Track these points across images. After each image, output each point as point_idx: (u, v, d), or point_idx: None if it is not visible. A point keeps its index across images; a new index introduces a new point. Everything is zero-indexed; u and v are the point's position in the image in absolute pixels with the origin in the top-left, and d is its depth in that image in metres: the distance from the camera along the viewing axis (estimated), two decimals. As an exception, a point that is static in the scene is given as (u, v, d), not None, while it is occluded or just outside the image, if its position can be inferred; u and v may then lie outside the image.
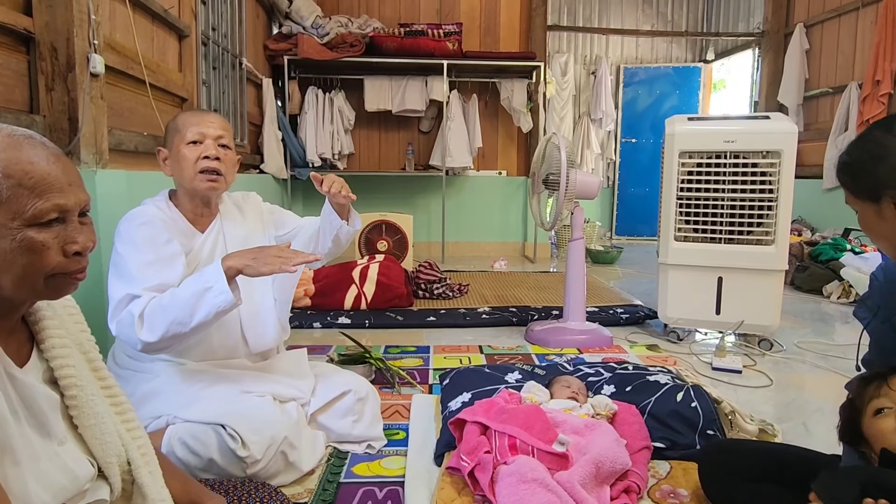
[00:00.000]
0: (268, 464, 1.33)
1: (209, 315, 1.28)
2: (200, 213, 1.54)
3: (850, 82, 4.43)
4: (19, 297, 0.73)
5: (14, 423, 0.69)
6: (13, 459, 0.68)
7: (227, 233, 1.56)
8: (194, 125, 1.48)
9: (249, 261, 1.30)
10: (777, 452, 1.27)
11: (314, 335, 2.76)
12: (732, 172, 2.49)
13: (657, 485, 1.38)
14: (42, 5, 1.80)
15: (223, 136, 1.51)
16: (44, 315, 0.80)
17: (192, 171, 1.46)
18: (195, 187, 1.48)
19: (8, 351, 0.72)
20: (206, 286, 1.28)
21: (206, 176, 1.47)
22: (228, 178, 1.52)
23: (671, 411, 1.56)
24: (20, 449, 0.69)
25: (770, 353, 2.53)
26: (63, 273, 0.74)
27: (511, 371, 1.92)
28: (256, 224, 1.65)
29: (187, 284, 1.31)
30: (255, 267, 1.29)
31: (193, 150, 1.46)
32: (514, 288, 3.88)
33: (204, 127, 1.48)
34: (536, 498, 1.17)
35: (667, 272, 2.64)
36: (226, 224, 1.58)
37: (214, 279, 1.28)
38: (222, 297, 1.27)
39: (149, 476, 0.86)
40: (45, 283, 0.73)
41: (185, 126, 1.48)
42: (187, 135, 1.47)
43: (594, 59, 6.67)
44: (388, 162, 5.41)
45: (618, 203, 6.86)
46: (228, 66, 3.53)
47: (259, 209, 1.71)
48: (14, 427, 0.69)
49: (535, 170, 2.72)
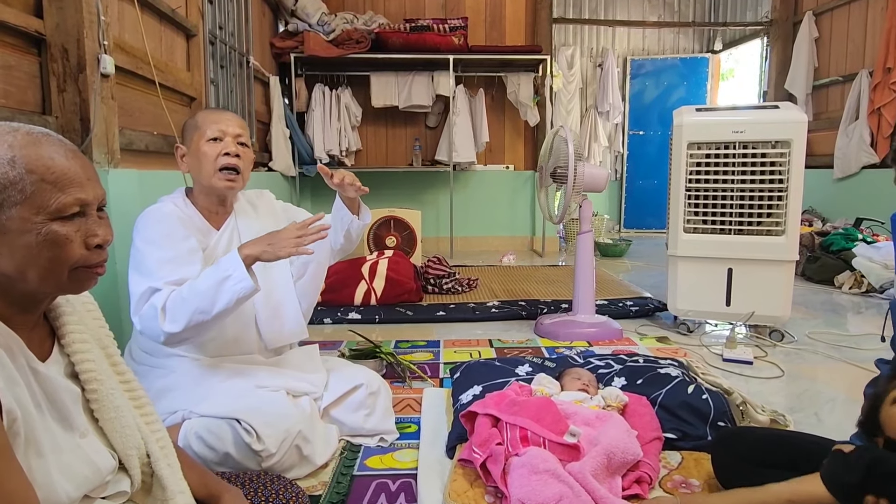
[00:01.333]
0: (282, 457, 1.35)
1: (230, 302, 1.31)
2: (216, 211, 1.56)
3: (861, 70, 4.38)
4: (44, 290, 0.75)
5: (38, 416, 0.71)
6: (37, 451, 0.70)
7: (242, 230, 1.58)
8: (214, 122, 1.50)
9: (265, 247, 1.33)
10: (790, 439, 1.28)
11: (325, 331, 2.78)
12: (741, 163, 2.48)
13: (669, 475, 1.39)
14: (52, 7, 1.82)
15: (241, 135, 1.53)
16: (64, 311, 0.82)
17: (212, 168, 1.48)
18: (213, 185, 1.50)
19: (31, 346, 0.74)
20: (226, 275, 1.30)
21: (224, 174, 1.49)
22: (245, 175, 1.55)
23: (682, 402, 1.57)
24: (44, 441, 0.71)
25: (781, 343, 2.52)
26: (85, 266, 0.76)
27: (521, 364, 1.93)
28: (270, 221, 1.67)
29: (206, 275, 1.34)
30: (272, 252, 1.33)
31: (213, 146, 1.49)
32: (523, 282, 3.88)
33: (224, 125, 1.50)
34: (548, 489, 1.18)
35: (676, 264, 2.64)
36: (240, 221, 1.60)
37: (233, 267, 1.31)
38: (242, 285, 1.30)
39: (168, 468, 0.88)
40: (68, 276, 0.74)
41: (204, 123, 1.50)
42: (207, 132, 1.49)
43: (601, 51, 6.64)
44: (396, 157, 5.42)
45: (626, 196, 6.83)
46: (236, 65, 3.55)
47: (272, 207, 1.73)
48: (38, 420, 0.70)
49: (543, 163, 2.72)
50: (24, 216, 0.70)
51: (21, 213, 0.69)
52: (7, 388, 0.66)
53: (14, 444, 0.66)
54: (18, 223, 0.70)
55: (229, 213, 1.59)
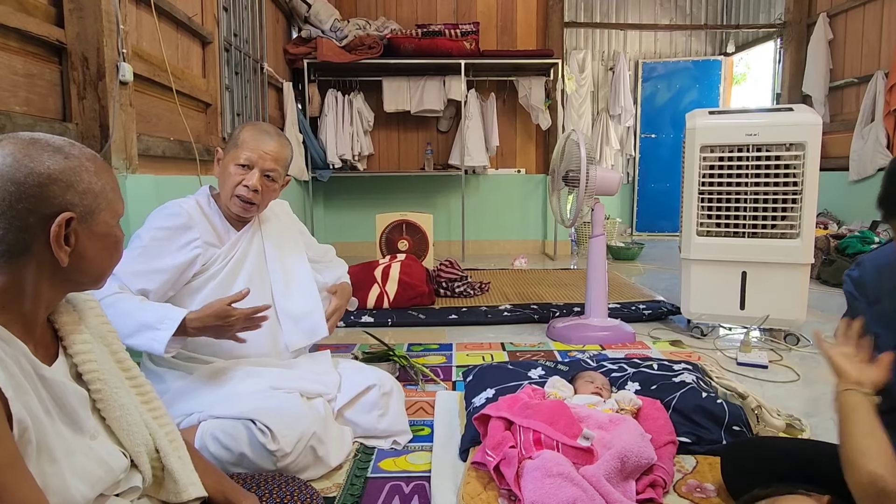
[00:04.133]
0: (297, 458, 1.36)
1: (137, 348, 1.33)
2: (238, 218, 1.60)
3: (876, 71, 4.34)
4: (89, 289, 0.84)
5: (48, 422, 0.72)
6: (50, 457, 0.71)
7: (266, 235, 1.63)
8: (249, 149, 1.51)
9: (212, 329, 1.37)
10: (800, 451, 1.25)
11: (338, 334, 2.79)
12: (755, 166, 2.46)
13: (683, 479, 1.38)
14: (73, 17, 1.86)
15: (274, 170, 1.53)
16: (64, 311, 0.84)
17: (230, 191, 1.52)
18: (228, 206, 1.55)
19: (37, 351, 0.75)
20: (154, 326, 1.32)
21: (238, 201, 1.52)
22: (263, 205, 1.58)
23: (696, 406, 1.56)
24: (56, 446, 0.72)
25: (797, 347, 2.50)
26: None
27: (534, 367, 1.93)
28: (293, 231, 1.73)
29: (147, 310, 1.35)
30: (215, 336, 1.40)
31: (239, 173, 1.51)
32: (535, 285, 3.88)
33: (258, 154, 1.51)
34: (562, 492, 1.18)
35: (689, 267, 2.62)
36: (265, 225, 1.64)
37: (166, 326, 1.32)
38: (156, 344, 1.32)
39: (178, 461, 0.89)
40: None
41: (242, 144, 1.52)
42: (240, 156, 1.51)
43: (612, 54, 6.62)
44: (408, 162, 5.44)
45: (638, 199, 6.80)
46: (250, 71, 3.60)
47: (292, 218, 1.79)
48: (48, 426, 0.72)
49: (555, 167, 2.72)
50: (108, 221, 0.80)
51: (106, 218, 0.79)
52: (16, 398, 0.67)
53: (26, 453, 0.67)
54: (104, 227, 0.79)
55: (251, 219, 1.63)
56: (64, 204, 0.74)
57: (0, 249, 0.71)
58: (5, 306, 0.72)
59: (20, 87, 1.68)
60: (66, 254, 0.74)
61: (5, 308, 0.72)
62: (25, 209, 0.71)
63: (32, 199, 0.71)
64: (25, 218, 0.71)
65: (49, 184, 0.72)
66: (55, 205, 0.73)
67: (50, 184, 0.72)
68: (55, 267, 0.75)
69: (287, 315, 1.61)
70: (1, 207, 0.70)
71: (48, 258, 0.74)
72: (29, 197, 0.71)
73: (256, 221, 1.63)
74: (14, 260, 0.72)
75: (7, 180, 0.70)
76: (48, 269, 0.75)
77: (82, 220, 0.76)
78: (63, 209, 0.73)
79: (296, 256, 1.71)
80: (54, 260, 0.74)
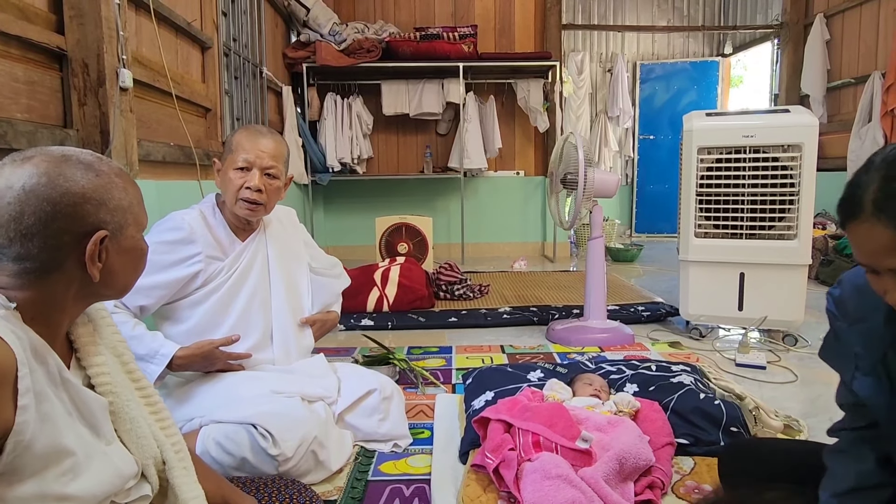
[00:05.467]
0: (299, 462, 1.37)
1: None
2: (243, 227, 1.61)
3: (873, 72, 4.35)
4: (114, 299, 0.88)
5: (69, 423, 0.73)
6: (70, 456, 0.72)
7: (271, 241, 1.63)
8: (245, 151, 1.51)
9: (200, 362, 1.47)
10: (799, 451, 1.25)
11: (338, 337, 2.80)
12: (752, 167, 2.48)
13: (681, 480, 1.39)
14: (73, 24, 1.87)
15: (273, 166, 1.53)
16: (78, 323, 0.85)
17: (234, 196, 1.52)
18: (235, 211, 1.54)
19: None
20: (146, 359, 1.39)
21: (244, 204, 1.52)
22: (269, 206, 1.57)
23: (694, 408, 1.57)
24: (77, 447, 0.73)
25: (795, 348, 2.51)
26: None
27: (533, 370, 1.94)
28: (297, 241, 1.74)
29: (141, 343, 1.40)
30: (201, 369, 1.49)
31: (239, 176, 1.51)
32: (535, 288, 3.89)
33: (254, 154, 1.51)
34: (561, 494, 1.19)
35: (687, 269, 2.64)
36: (269, 234, 1.65)
37: (157, 361, 1.39)
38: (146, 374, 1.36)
39: (183, 472, 0.90)
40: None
41: (238, 148, 1.52)
42: (238, 159, 1.51)
43: (610, 56, 6.64)
44: (407, 165, 5.45)
45: (637, 200, 6.81)
46: (249, 76, 3.61)
47: (297, 227, 1.79)
48: (69, 427, 0.73)
49: (553, 169, 2.73)
50: (134, 235, 0.82)
51: (132, 232, 0.81)
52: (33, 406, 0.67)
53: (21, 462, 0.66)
54: (132, 241, 0.81)
55: (256, 227, 1.64)
56: (97, 222, 0.75)
57: (33, 266, 0.72)
58: (35, 318, 0.74)
59: (21, 94, 1.70)
60: (98, 269, 0.76)
61: (34, 320, 0.73)
62: (60, 228, 0.72)
63: (67, 218, 0.73)
64: (60, 237, 0.73)
65: (83, 203, 0.74)
66: (89, 223, 0.75)
67: (84, 203, 0.74)
68: (84, 282, 0.77)
69: (280, 331, 1.63)
70: (36, 227, 0.71)
71: (78, 274, 0.76)
72: (64, 216, 0.72)
73: (262, 230, 1.63)
74: (47, 276, 0.74)
75: (43, 200, 0.71)
76: (77, 283, 0.77)
77: (113, 236, 0.77)
78: (97, 227, 0.75)
79: (299, 269, 1.73)
80: (84, 275, 0.76)
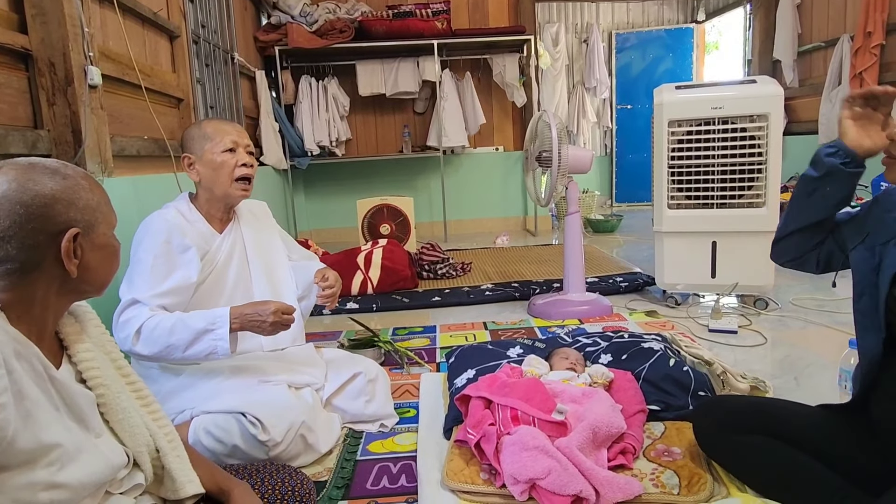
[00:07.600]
0: (288, 447, 1.43)
1: (201, 354, 1.39)
2: (220, 217, 1.64)
3: (843, 35, 4.40)
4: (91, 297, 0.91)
5: (57, 418, 0.79)
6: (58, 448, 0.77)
7: (246, 235, 1.67)
8: (227, 134, 1.57)
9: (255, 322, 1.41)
10: (766, 406, 1.35)
11: (324, 322, 2.85)
12: (722, 138, 2.53)
13: (652, 445, 1.47)
14: (36, 22, 1.85)
15: (250, 144, 1.62)
16: (66, 322, 0.90)
17: (229, 178, 1.56)
18: (229, 194, 1.58)
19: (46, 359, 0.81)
20: (210, 328, 1.38)
21: (241, 184, 1.58)
22: (254, 182, 1.64)
23: (665, 375, 1.65)
24: (66, 441, 0.79)
25: (765, 311, 2.60)
26: None
27: (513, 346, 2.01)
28: (272, 232, 1.78)
29: (194, 318, 1.40)
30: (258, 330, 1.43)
31: (231, 157, 1.56)
32: (516, 263, 3.95)
33: (235, 135, 1.58)
34: (538, 464, 1.26)
35: (662, 240, 2.71)
36: (244, 227, 1.68)
37: (220, 324, 1.39)
38: (220, 343, 1.38)
39: (177, 460, 0.96)
40: None
41: (217, 133, 1.57)
42: (224, 142, 1.56)
43: (585, 26, 6.62)
44: (386, 145, 5.44)
45: (616, 170, 6.87)
46: (221, 62, 3.57)
47: (271, 220, 1.83)
48: (58, 421, 0.78)
49: (528, 147, 2.77)
50: (105, 232, 0.87)
51: (104, 230, 0.86)
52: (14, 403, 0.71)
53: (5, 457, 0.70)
54: (103, 238, 0.86)
55: (231, 219, 1.67)
56: (68, 220, 0.81)
57: (14, 267, 0.78)
58: (20, 317, 0.79)
59: (-11, 97, 1.69)
60: (76, 266, 0.82)
61: (20, 318, 0.79)
62: (34, 229, 0.78)
63: (40, 218, 0.78)
64: (35, 237, 0.78)
65: (53, 203, 0.80)
66: (61, 222, 0.80)
67: (54, 203, 0.80)
68: (63, 279, 0.82)
69: None
70: (12, 229, 0.76)
71: (57, 272, 0.81)
72: (37, 217, 0.78)
73: (236, 221, 1.66)
74: (27, 275, 0.79)
75: (15, 203, 0.77)
76: (57, 281, 0.82)
77: (85, 233, 0.83)
78: (69, 225, 0.81)
79: (276, 256, 1.76)
80: (63, 273, 0.82)
